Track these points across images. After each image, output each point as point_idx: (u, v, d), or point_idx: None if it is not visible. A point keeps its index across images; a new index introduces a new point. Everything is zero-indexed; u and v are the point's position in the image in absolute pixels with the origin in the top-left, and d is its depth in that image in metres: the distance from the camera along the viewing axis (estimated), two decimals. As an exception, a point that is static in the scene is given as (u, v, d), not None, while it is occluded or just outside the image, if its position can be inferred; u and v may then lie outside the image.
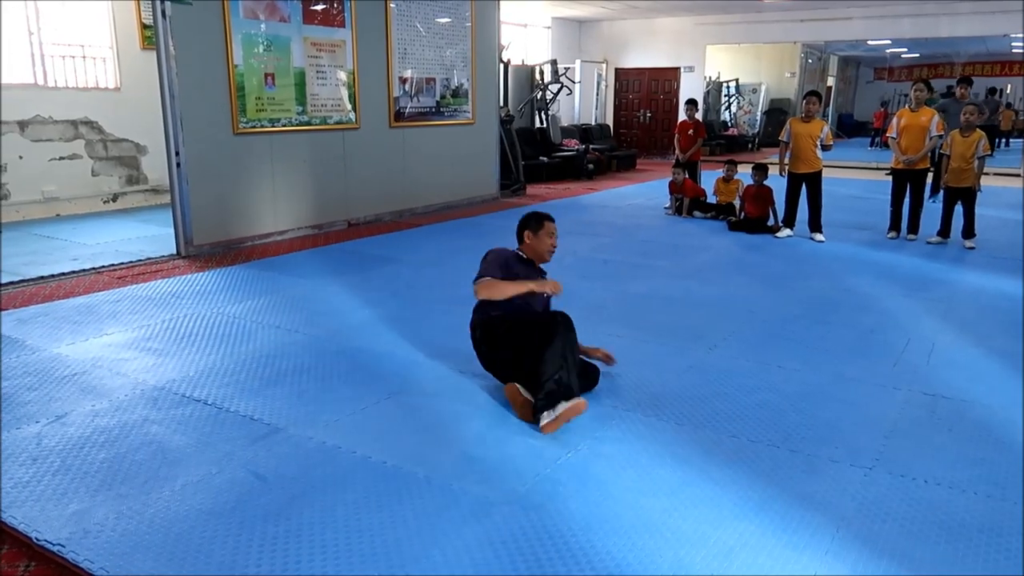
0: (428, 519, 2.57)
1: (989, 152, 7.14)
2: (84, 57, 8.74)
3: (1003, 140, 19.60)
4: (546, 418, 3.19)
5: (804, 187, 7.66)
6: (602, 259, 6.69)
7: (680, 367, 4.04)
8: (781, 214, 7.95)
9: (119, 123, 8.97)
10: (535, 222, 3.85)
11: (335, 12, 7.69)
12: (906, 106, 7.67)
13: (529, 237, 3.85)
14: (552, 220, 3.87)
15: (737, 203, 8.60)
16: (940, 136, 7.29)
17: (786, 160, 7.72)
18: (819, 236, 7.63)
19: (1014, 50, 18.74)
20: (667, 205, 9.43)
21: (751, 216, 8.19)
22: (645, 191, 11.54)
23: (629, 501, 2.70)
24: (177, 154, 6.52)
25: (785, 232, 7.78)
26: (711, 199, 9.12)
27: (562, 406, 3.20)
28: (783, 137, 7.74)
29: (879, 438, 3.22)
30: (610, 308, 5.17)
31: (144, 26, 8.99)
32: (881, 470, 2.94)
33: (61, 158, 8.49)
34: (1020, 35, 15.07)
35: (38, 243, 7.06)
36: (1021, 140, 17.68)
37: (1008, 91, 22.13)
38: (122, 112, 8.96)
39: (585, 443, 3.15)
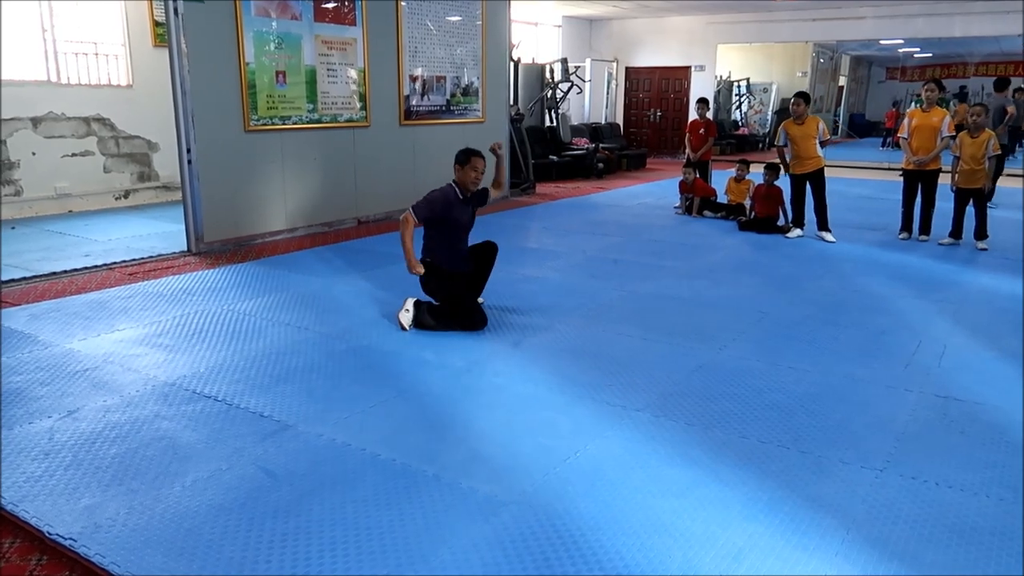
0: (437, 517, 2.57)
1: (999, 152, 7.08)
2: (97, 54, 8.79)
3: (1019, 141, 19.43)
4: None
5: (808, 186, 7.64)
6: (611, 259, 6.68)
7: (690, 367, 4.03)
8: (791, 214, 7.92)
9: (131, 120, 9.02)
10: (463, 156, 4.69)
11: (346, 10, 7.70)
12: (917, 106, 7.63)
13: (457, 171, 4.71)
14: (480, 157, 4.69)
15: (748, 203, 8.58)
16: (952, 137, 7.25)
17: (787, 159, 7.72)
18: (828, 236, 7.59)
19: (1028, 50, 18.58)
20: (677, 204, 9.40)
21: (761, 216, 8.16)
22: (655, 190, 11.51)
23: (638, 501, 2.69)
24: (188, 151, 6.54)
25: (796, 232, 7.75)
26: (722, 199, 9.09)
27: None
28: (779, 142, 7.77)
29: (890, 440, 3.20)
30: (620, 308, 5.16)
31: (156, 23, 9.03)
32: (892, 472, 2.92)
33: (74, 155, 8.54)
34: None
35: (51, 239, 7.10)
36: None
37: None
38: (134, 109, 9.01)
39: (594, 442, 3.15)
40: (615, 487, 2.79)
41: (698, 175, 9.35)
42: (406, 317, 4.60)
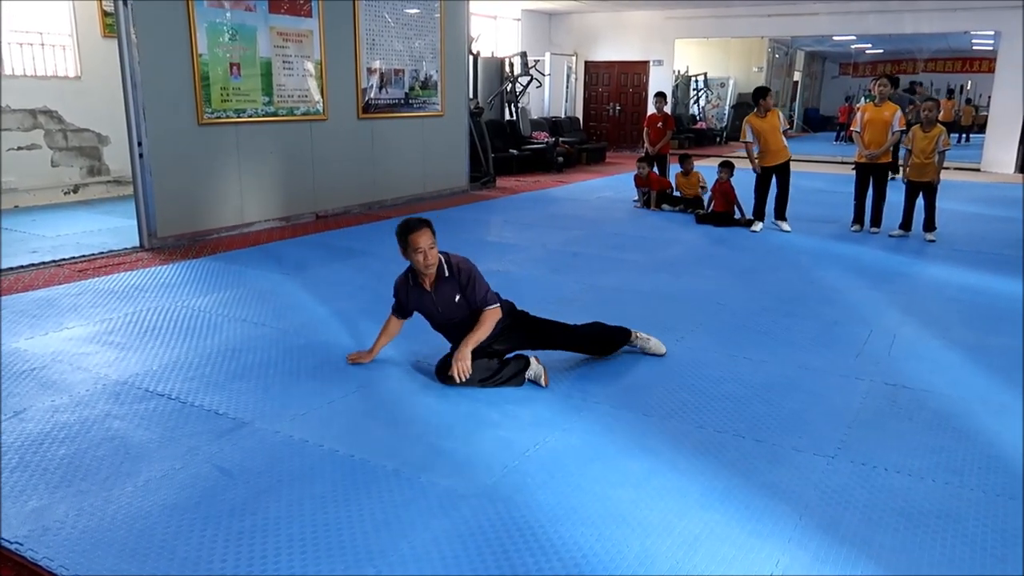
0: (396, 512, 2.56)
1: (949, 146, 7.29)
2: (43, 45, 8.53)
3: (964, 135, 20.02)
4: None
5: (775, 178, 7.75)
6: (572, 252, 6.71)
7: (648, 359, 4.06)
8: (749, 208, 8.02)
9: (80, 113, 8.78)
10: (401, 239, 3.51)
11: (302, 1, 7.59)
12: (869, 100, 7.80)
13: (404, 255, 3.57)
14: (416, 230, 3.46)
15: (706, 196, 8.69)
16: (903, 131, 7.42)
17: (755, 155, 7.77)
18: (785, 225, 7.75)
19: (974, 47, 19.13)
20: (636, 198, 9.48)
21: (718, 210, 8.27)
22: (614, 184, 11.59)
23: (597, 492, 2.71)
24: (140, 145, 6.39)
25: (758, 226, 7.85)
26: (677, 193, 9.19)
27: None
28: (747, 138, 7.72)
29: (842, 427, 3.27)
30: (580, 300, 5.19)
31: (105, 13, 8.80)
32: (843, 459, 2.99)
33: (19, 148, 8.29)
34: (980, 32, 15.37)
35: (-4, 235, 6.89)
36: (982, 135, 18.09)
37: (968, 87, 22.60)
38: (83, 101, 8.77)
39: (553, 435, 3.16)
40: (574, 479, 2.81)
41: (656, 168, 9.44)
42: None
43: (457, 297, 3.60)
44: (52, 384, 3.62)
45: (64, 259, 6.05)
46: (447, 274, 3.58)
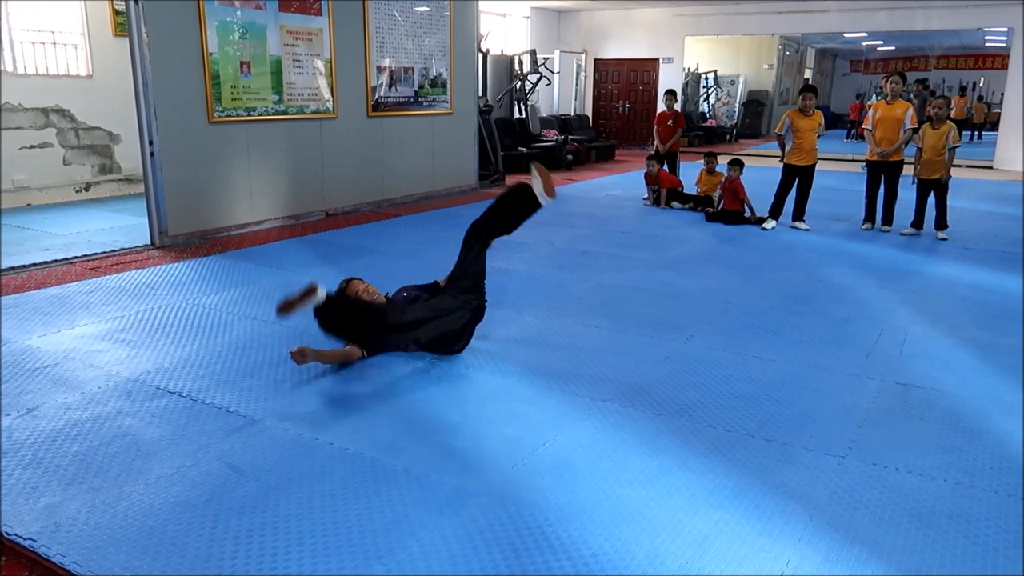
0: (405, 510, 2.57)
1: (959, 143, 7.24)
2: (55, 44, 8.58)
3: (976, 133, 19.88)
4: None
5: (797, 179, 7.73)
6: (581, 250, 6.70)
7: (657, 357, 4.06)
8: (761, 206, 7.99)
9: (91, 111, 8.83)
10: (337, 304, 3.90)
11: (312, 0, 7.61)
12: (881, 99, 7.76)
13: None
14: (348, 284, 4.24)
15: (716, 194, 8.66)
16: (914, 129, 7.38)
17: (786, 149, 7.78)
18: (802, 225, 7.74)
19: (987, 43, 18.97)
20: (645, 196, 9.46)
21: (727, 208, 8.25)
22: (624, 182, 11.56)
23: (606, 491, 2.71)
24: (151, 143, 6.43)
25: (771, 224, 7.82)
26: (692, 190, 9.16)
27: None
28: (781, 131, 7.81)
29: (852, 427, 3.26)
30: (588, 299, 5.19)
31: (116, 12, 8.85)
32: (854, 458, 2.97)
33: (31, 146, 8.34)
34: (993, 29, 15.25)
35: (8, 233, 6.93)
36: (995, 133, 17.96)
37: (981, 84, 22.43)
38: (94, 100, 8.82)
39: (563, 433, 3.16)
40: (583, 477, 2.81)
41: (665, 166, 9.41)
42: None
43: (405, 293, 4.24)
44: (64, 381, 3.65)
45: (76, 257, 6.09)
46: (389, 295, 4.27)
